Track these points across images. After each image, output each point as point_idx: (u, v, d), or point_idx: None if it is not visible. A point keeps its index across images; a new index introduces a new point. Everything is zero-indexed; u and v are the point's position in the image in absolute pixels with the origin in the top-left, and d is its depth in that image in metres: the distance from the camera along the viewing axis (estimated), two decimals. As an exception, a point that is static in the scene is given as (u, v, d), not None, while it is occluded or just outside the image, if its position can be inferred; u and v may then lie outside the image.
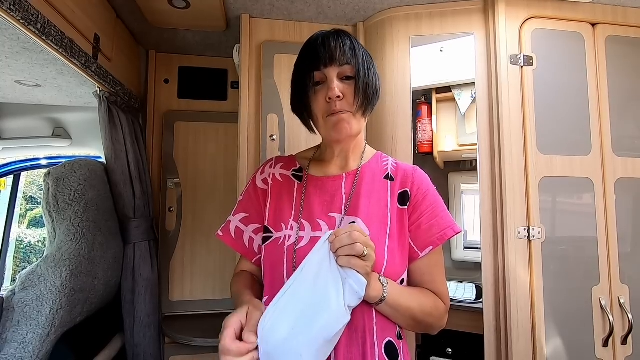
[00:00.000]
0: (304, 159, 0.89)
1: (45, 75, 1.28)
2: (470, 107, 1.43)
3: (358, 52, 0.75)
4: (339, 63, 0.72)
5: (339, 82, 0.73)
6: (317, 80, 0.74)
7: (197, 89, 1.77)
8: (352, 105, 0.73)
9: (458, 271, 1.67)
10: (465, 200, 1.68)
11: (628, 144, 1.21)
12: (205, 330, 1.54)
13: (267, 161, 0.91)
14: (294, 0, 1.26)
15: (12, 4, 0.76)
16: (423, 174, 0.83)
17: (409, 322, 0.73)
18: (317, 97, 0.75)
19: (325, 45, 0.73)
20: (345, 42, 0.74)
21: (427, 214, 0.78)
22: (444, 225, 0.77)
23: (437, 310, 0.76)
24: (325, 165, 0.85)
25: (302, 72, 0.76)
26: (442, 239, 0.76)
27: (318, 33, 0.77)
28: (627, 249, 1.16)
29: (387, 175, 0.82)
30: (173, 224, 1.70)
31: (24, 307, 1.03)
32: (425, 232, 0.77)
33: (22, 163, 2.03)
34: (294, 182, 0.84)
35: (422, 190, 0.79)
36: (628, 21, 1.23)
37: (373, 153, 0.87)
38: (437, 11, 1.27)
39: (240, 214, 0.86)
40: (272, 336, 0.59)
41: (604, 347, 1.11)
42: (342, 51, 0.73)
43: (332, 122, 0.74)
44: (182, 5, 1.27)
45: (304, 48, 0.78)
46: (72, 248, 1.17)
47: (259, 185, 0.86)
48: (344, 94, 0.73)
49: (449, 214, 0.80)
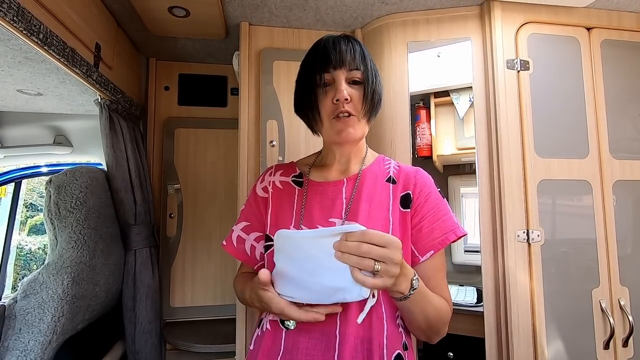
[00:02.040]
0: (305, 165, 0.89)
1: (46, 84, 1.29)
2: (469, 111, 1.44)
3: (367, 59, 0.76)
4: (349, 67, 0.73)
5: (347, 85, 0.73)
6: (326, 81, 0.75)
7: (197, 95, 1.78)
8: (358, 109, 0.74)
9: (459, 275, 1.67)
10: (465, 204, 1.68)
11: (625, 146, 1.22)
12: (207, 336, 1.54)
13: (267, 169, 0.91)
14: (292, 8, 1.28)
15: (14, 15, 0.77)
16: (426, 175, 0.82)
17: (421, 323, 0.70)
18: (324, 98, 0.75)
19: (336, 48, 0.74)
20: (355, 47, 0.75)
21: (428, 217, 0.76)
22: (446, 229, 0.75)
23: (446, 317, 0.74)
24: (326, 170, 0.84)
25: (311, 72, 0.76)
26: (443, 243, 0.74)
27: (328, 36, 0.78)
28: (626, 251, 1.17)
29: (389, 178, 0.81)
30: (174, 230, 1.71)
31: (25, 315, 1.04)
32: (427, 235, 0.75)
33: (23, 171, 2.03)
34: (294, 188, 0.84)
35: (425, 192, 0.78)
36: (623, 25, 1.25)
37: (375, 157, 0.87)
38: (434, 17, 1.28)
39: (242, 223, 0.87)
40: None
41: (605, 349, 1.10)
42: (353, 56, 0.74)
43: (337, 126, 0.74)
44: (182, 14, 1.29)
45: (313, 49, 0.78)
46: (73, 255, 1.18)
47: (260, 194, 0.87)
48: (352, 98, 0.73)
49: (452, 216, 0.78)
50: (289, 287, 0.64)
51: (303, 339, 0.69)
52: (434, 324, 0.71)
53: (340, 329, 0.67)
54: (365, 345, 0.67)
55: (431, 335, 0.75)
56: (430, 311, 0.69)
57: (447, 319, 0.75)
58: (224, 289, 1.72)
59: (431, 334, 0.75)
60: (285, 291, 0.64)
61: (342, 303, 0.63)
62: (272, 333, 0.72)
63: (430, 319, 0.70)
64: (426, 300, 0.69)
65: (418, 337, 0.76)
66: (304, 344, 0.68)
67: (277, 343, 0.71)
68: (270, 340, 0.72)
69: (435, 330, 0.74)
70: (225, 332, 1.51)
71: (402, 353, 0.71)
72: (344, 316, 0.68)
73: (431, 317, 0.70)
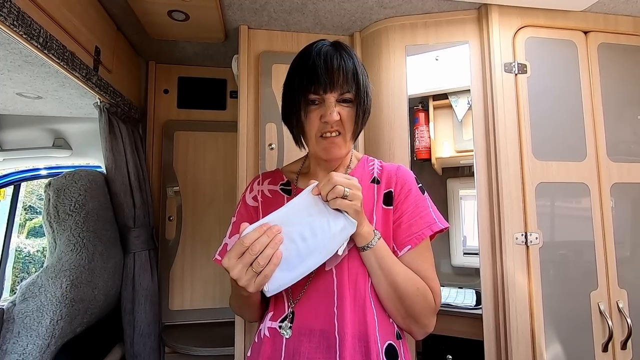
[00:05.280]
0: (291, 172, 0.89)
1: (46, 87, 1.30)
2: (467, 114, 1.45)
3: (360, 77, 0.73)
4: (340, 90, 0.72)
5: (337, 104, 0.72)
6: (313, 99, 0.73)
7: (197, 98, 1.79)
8: (346, 128, 0.74)
9: (458, 277, 1.67)
10: (464, 206, 1.68)
11: (623, 149, 1.22)
12: (206, 339, 1.54)
13: (254, 179, 0.91)
14: (291, 12, 1.29)
15: (14, 20, 0.78)
16: (406, 172, 0.82)
17: (389, 290, 0.70)
18: (311, 116, 0.74)
19: (327, 67, 0.70)
20: (348, 65, 0.72)
21: (407, 212, 0.76)
22: (423, 225, 0.75)
23: (425, 296, 0.72)
24: (314, 177, 0.84)
25: (298, 91, 0.73)
26: (420, 237, 0.74)
27: (318, 47, 0.73)
28: (624, 254, 1.17)
29: (373, 179, 0.82)
30: (173, 233, 1.71)
31: (24, 318, 1.03)
32: (405, 231, 0.75)
33: (22, 173, 2.04)
34: (283, 197, 0.84)
35: (405, 189, 0.79)
36: (619, 29, 1.26)
37: (358, 158, 0.88)
38: (432, 21, 1.29)
39: (235, 235, 0.85)
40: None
41: (604, 352, 1.11)
42: (345, 78, 0.71)
43: (323, 144, 0.74)
44: (181, 17, 1.29)
45: (302, 60, 0.74)
46: (72, 258, 1.18)
47: (250, 203, 0.87)
48: (341, 116, 0.72)
49: (431, 212, 0.77)
50: (285, 271, 0.63)
51: (304, 344, 0.69)
52: (403, 294, 0.70)
53: (338, 329, 0.68)
54: (362, 342, 0.68)
55: (410, 322, 0.73)
56: (398, 276, 0.70)
57: (426, 303, 0.72)
58: (222, 292, 1.71)
59: (407, 315, 0.72)
60: (282, 278, 0.64)
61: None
62: (271, 340, 0.72)
63: (399, 286, 0.69)
64: (392, 261, 0.71)
65: (398, 321, 0.73)
66: (305, 348, 0.68)
67: (278, 350, 0.70)
68: (270, 347, 0.72)
69: (412, 312, 0.71)
70: (224, 335, 1.51)
71: (394, 343, 0.71)
72: (341, 316, 0.68)
73: (400, 284, 0.69)
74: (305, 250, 0.64)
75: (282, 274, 0.63)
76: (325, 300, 0.71)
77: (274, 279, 0.62)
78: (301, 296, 0.73)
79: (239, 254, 0.59)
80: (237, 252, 0.59)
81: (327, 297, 0.71)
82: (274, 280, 0.62)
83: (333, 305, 0.70)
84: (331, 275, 0.72)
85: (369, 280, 0.72)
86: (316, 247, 0.65)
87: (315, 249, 0.65)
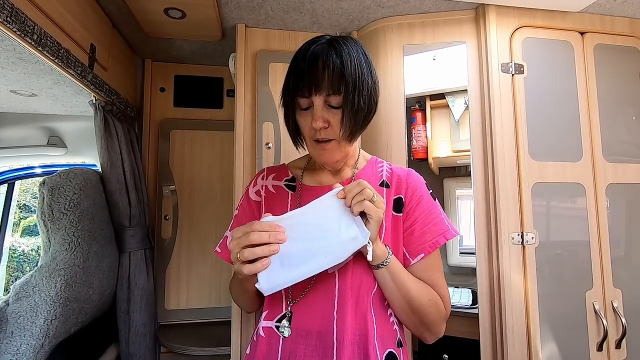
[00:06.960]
0: (297, 168, 0.88)
1: (41, 84, 1.28)
2: (464, 114, 1.45)
3: (348, 76, 0.68)
4: (326, 92, 0.68)
5: (325, 110, 0.70)
6: (302, 102, 0.72)
7: (193, 97, 1.78)
8: (337, 133, 0.71)
9: (454, 276, 1.67)
10: (460, 206, 1.69)
11: (618, 149, 1.23)
12: (202, 339, 1.53)
13: (258, 172, 0.90)
14: (288, 10, 1.28)
15: (8, 16, 0.76)
16: (417, 177, 0.81)
17: (403, 304, 0.71)
18: (302, 120, 0.73)
19: (312, 69, 0.68)
20: (335, 64, 0.67)
21: (420, 220, 0.76)
22: (436, 233, 0.75)
23: (437, 306, 0.73)
24: (319, 174, 0.84)
25: (289, 93, 0.73)
26: (434, 246, 0.74)
27: (309, 45, 0.72)
28: (619, 254, 1.18)
29: (382, 182, 0.81)
30: (169, 232, 1.70)
31: (17, 318, 1.02)
32: (418, 238, 0.75)
33: (16, 172, 2.02)
34: (287, 193, 0.83)
35: (416, 196, 0.78)
36: (615, 30, 1.26)
37: (367, 159, 0.86)
38: (430, 21, 1.29)
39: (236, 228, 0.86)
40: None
41: (599, 351, 1.11)
42: (330, 80, 0.67)
43: (316, 148, 0.74)
44: (178, 15, 1.29)
45: (293, 61, 0.73)
46: (66, 258, 1.17)
47: (253, 198, 0.86)
48: (330, 122, 0.70)
49: (443, 219, 0.77)
50: (287, 268, 0.63)
51: (300, 346, 0.68)
52: (417, 308, 0.71)
53: (337, 335, 0.67)
54: (361, 349, 0.67)
55: (423, 330, 0.74)
56: (412, 290, 0.70)
57: (438, 313, 0.73)
58: (219, 292, 1.71)
59: (418, 323, 0.73)
60: (281, 276, 0.63)
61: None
62: (267, 340, 0.72)
63: (413, 300, 0.70)
64: (406, 276, 0.71)
65: (410, 329, 0.75)
66: (302, 351, 0.68)
67: (274, 350, 0.70)
68: (266, 347, 0.71)
69: (422, 318, 0.72)
70: (220, 335, 1.51)
71: (395, 351, 0.71)
72: (341, 321, 0.68)
73: (414, 298, 0.70)
74: (311, 250, 0.64)
75: (282, 271, 0.63)
76: (325, 302, 0.70)
77: (273, 276, 0.62)
78: (301, 297, 0.72)
79: (244, 232, 0.63)
80: (244, 230, 0.63)
81: (327, 300, 0.70)
82: (273, 277, 0.62)
83: (333, 309, 0.69)
84: (333, 279, 0.71)
85: (372, 287, 0.71)
86: (322, 249, 0.64)
87: (320, 251, 0.64)
